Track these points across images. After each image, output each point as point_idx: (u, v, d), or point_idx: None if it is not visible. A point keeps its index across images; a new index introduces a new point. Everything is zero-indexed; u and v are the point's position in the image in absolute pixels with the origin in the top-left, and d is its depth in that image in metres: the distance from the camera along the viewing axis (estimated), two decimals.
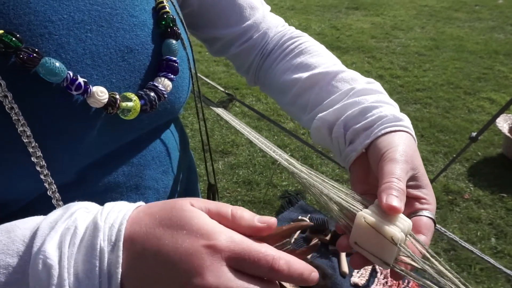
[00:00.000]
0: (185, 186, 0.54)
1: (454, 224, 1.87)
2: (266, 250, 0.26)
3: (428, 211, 0.36)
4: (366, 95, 0.44)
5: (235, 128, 0.52)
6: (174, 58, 0.41)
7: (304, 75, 0.49)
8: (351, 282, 1.15)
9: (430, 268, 0.31)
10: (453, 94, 3.01)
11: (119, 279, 0.24)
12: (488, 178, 2.14)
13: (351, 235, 0.33)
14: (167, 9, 0.41)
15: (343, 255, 1.25)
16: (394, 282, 1.16)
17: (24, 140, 0.30)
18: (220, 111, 0.57)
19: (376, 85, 0.47)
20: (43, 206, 0.34)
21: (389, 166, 0.35)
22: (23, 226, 0.26)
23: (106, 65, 0.35)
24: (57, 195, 0.34)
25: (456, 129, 2.57)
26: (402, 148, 0.38)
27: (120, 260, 0.24)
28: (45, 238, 0.24)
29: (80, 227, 0.25)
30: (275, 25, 0.57)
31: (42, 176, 0.32)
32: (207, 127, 0.54)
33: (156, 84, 0.39)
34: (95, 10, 0.35)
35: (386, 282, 1.17)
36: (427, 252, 0.32)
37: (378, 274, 1.19)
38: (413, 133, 0.42)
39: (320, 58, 0.51)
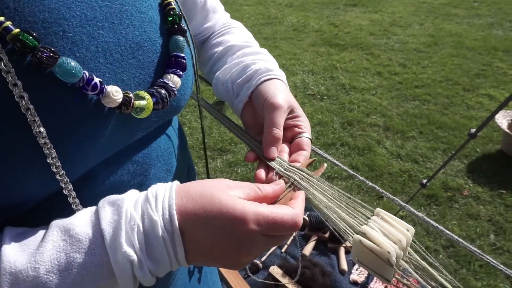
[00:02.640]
0: None
1: (453, 220, 1.87)
2: (287, 216, 0.34)
3: (306, 133, 0.47)
4: (249, 56, 0.53)
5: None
6: (182, 55, 0.40)
7: (219, 49, 0.58)
8: (350, 279, 1.15)
9: (428, 282, 0.33)
10: (452, 91, 3.02)
11: (184, 252, 0.32)
12: (487, 175, 2.15)
13: (352, 252, 0.35)
14: (173, 5, 0.41)
15: (342, 253, 1.24)
16: (393, 279, 1.16)
17: (40, 141, 0.29)
18: (213, 111, 0.58)
19: (263, 50, 0.57)
20: (55, 204, 0.34)
21: (270, 114, 0.45)
22: (78, 223, 0.31)
23: (117, 62, 0.34)
24: (73, 193, 0.34)
25: (455, 126, 2.58)
26: (278, 93, 0.47)
27: (181, 243, 0.32)
28: (118, 239, 0.30)
29: (139, 223, 0.31)
30: (223, 20, 0.64)
31: (58, 176, 0.32)
32: (204, 125, 0.55)
33: (166, 81, 0.38)
34: (106, 7, 0.34)
35: None
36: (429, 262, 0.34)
37: None
38: (284, 79, 0.51)
39: (235, 36, 0.60)
